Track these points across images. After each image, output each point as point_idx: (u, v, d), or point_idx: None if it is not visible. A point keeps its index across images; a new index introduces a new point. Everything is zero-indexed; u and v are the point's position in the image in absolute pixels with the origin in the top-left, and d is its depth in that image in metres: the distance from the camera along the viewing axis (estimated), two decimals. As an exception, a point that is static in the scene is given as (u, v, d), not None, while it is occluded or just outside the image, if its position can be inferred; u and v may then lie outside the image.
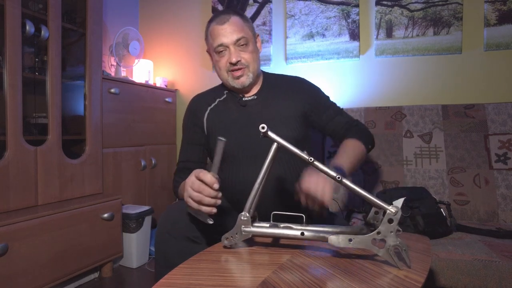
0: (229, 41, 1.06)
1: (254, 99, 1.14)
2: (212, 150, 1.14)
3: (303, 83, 1.21)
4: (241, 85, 1.11)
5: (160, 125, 2.28)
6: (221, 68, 1.11)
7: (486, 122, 1.51)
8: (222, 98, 1.18)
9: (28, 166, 1.42)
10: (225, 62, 1.09)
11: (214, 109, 1.16)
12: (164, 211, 0.99)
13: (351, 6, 1.99)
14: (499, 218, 1.37)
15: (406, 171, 1.54)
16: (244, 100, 1.14)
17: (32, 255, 1.31)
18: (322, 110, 1.17)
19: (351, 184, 0.68)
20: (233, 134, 1.08)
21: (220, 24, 1.07)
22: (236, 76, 1.09)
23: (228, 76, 1.11)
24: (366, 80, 1.98)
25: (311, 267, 0.66)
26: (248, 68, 1.10)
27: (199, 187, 0.80)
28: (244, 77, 1.10)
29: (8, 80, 1.35)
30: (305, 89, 1.19)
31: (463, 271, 0.99)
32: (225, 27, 1.07)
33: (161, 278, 0.61)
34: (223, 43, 1.07)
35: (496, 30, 1.72)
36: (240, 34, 1.07)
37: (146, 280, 1.71)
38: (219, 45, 1.08)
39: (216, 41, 1.08)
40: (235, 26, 1.07)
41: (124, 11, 2.42)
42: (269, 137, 0.74)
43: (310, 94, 1.18)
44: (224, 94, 1.18)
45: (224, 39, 1.06)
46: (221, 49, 1.08)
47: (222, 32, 1.07)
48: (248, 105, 1.14)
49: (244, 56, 1.08)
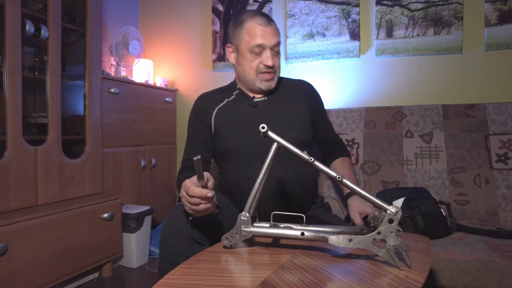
0: (269, 44, 1.09)
1: (264, 100, 1.17)
2: (218, 149, 1.15)
3: (311, 89, 1.27)
4: (268, 88, 1.15)
5: (160, 125, 2.28)
6: (252, 68, 1.12)
7: (487, 122, 1.51)
8: (231, 99, 1.20)
9: (28, 166, 1.42)
10: (258, 63, 1.11)
11: (222, 108, 1.17)
12: (169, 211, 0.99)
13: (351, 5, 1.99)
14: (500, 218, 1.37)
15: (407, 171, 1.54)
16: (255, 101, 1.16)
17: (32, 255, 1.31)
18: (320, 118, 1.25)
19: (351, 184, 0.68)
20: (243, 134, 1.09)
21: (263, 25, 1.09)
22: (266, 79, 1.12)
23: (256, 77, 1.13)
24: (367, 80, 1.98)
25: (311, 267, 0.66)
26: (275, 73, 1.15)
27: (194, 202, 0.79)
28: (272, 81, 1.15)
29: (8, 80, 1.35)
30: (312, 94, 1.25)
31: (463, 271, 0.99)
32: (268, 30, 1.09)
33: (161, 278, 0.61)
34: (263, 44, 1.09)
35: (497, 30, 1.72)
36: (278, 40, 1.12)
37: (146, 280, 1.70)
38: (258, 45, 1.09)
39: (256, 40, 1.09)
40: (275, 31, 1.11)
41: (124, 11, 2.42)
42: (269, 137, 0.74)
43: (315, 100, 1.25)
44: (233, 95, 1.20)
45: (266, 41, 1.09)
46: (258, 50, 1.10)
47: (264, 34, 1.08)
48: (258, 106, 1.16)
49: (276, 61, 1.13)
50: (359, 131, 1.67)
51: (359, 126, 1.68)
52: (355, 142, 1.65)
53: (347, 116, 1.73)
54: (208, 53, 2.37)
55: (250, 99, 1.16)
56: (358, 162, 1.62)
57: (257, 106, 1.15)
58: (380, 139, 1.61)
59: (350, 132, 1.69)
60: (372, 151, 1.61)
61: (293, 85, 1.24)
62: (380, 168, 1.57)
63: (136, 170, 2.04)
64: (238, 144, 1.10)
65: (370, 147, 1.62)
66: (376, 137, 1.62)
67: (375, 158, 1.59)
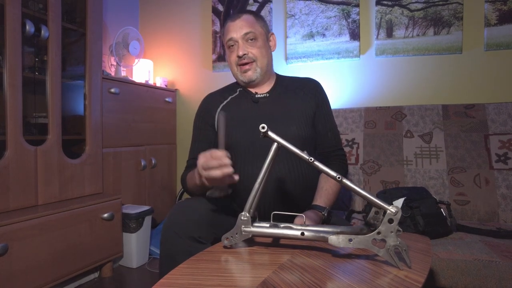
0: (237, 36, 1.11)
1: (266, 96, 1.17)
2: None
3: (317, 86, 1.23)
4: (248, 79, 1.15)
5: (160, 125, 2.28)
6: (231, 63, 1.16)
7: (487, 122, 1.51)
8: (235, 95, 1.20)
9: (28, 166, 1.42)
10: (235, 56, 1.14)
11: (226, 105, 1.18)
12: (170, 210, 0.99)
13: (351, 6, 1.99)
14: (500, 218, 1.37)
15: (406, 171, 1.54)
16: (257, 97, 1.17)
17: (32, 255, 1.31)
18: (321, 119, 1.19)
19: (351, 184, 0.68)
20: (243, 130, 1.09)
21: (232, 20, 1.13)
22: (243, 70, 1.14)
23: (237, 70, 1.16)
24: (366, 80, 1.98)
25: (311, 267, 0.66)
26: (256, 63, 1.14)
27: (210, 156, 0.81)
28: (251, 71, 1.14)
29: (8, 80, 1.35)
30: (317, 92, 1.21)
31: (463, 271, 0.99)
32: (236, 23, 1.12)
33: (161, 278, 0.61)
34: (233, 38, 1.12)
35: (497, 30, 1.72)
36: (249, 29, 1.11)
37: (146, 280, 1.70)
38: (229, 40, 1.13)
39: (226, 36, 1.14)
40: (245, 22, 1.12)
41: (124, 11, 2.42)
42: (269, 136, 0.74)
43: (319, 98, 1.20)
44: (237, 91, 1.21)
45: (233, 34, 1.12)
46: (231, 43, 1.14)
47: (232, 28, 1.12)
48: (260, 102, 1.16)
49: (251, 50, 1.13)
50: (359, 131, 1.67)
51: (359, 126, 1.68)
52: (355, 142, 1.66)
53: (347, 116, 1.73)
54: (208, 53, 2.37)
55: (252, 95, 1.17)
56: (358, 162, 1.62)
57: (259, 102, 1.15)
58: (380, 139, 1.61)
59: (350, 132, 1.69)
60: (372, 151, 1.61)
61: (299, 83, 1.23)
62: (380, 168, 1.57)
63: (136, 170, 2.04)
64: (239, 140, 1.10)
65: (370, 147, 1.62)
66: (376, 137, 1.63)
67: (375, 158, 1.59)
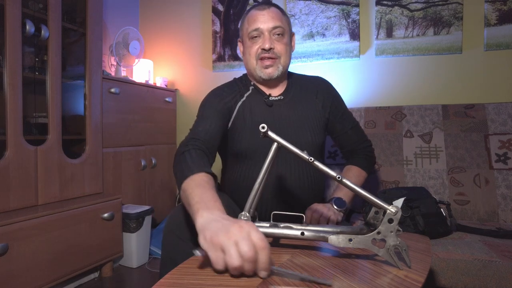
0: (265, 27, 1.05)
1: (280, 99, 1.11)
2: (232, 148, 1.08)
3: (329, 88, 1.19)
4: (268, 76, 1.07)
5: (160, 125, 2.28)
6: (251, 55, 1.08)
7: (486, 122, 1.51)
8: (248, 94, 1.13)
9: (28, 166, 1.42)
10: (257, 48, 1.07)
11: (245, 103, 1.11)
12: (170, 212, 0.97)
13: (351, 6, 1.99)
14: (499, 218, 1.37)
15: (406, 171, 1.54)
16: (271, 99, 1.11)
17: (32, 255, 1.31)
18: (339, 119, 1.16)
19: (351, 184, 0.68)
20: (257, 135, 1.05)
21: (260, 10, 1.06)
22: (265, 65, 1.06)
23: (256, 64, 1.08)
24: (366, 80, 1.98)
25: (311, 267, 0.66)
26: (279, 60, 1.07)
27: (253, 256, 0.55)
28: (273, 68, 1.06)
29: (8, 80, 1.35)
30: (330, 93, 1.17)
31: (463, 271, 0.99)
32: (264, 13, 1.06)
33: (161, 278, 0.61)
34: (259, 28, 1.05)
35: (496, 30, 1.72)
36: (279, 23, 1.05)
37: (146, 280, 1.70)
38: (255, 30, 1.06)
39: (252, 25, 1.06)
40: (275, 14, 1.06)
41: (124, 11, 2.42)
42: (269, 136, 0.74)
43: (333, 99, 1.17)
44: (250, 89, 1.14)
45: (261, 24, 1.05)
46: (255, 34, 1.06)
47: (260, 18, 1.05)
48: (274, 105, 1.10)
49: (278, 46, 1.06)
50: (359, 131, 1.67)
51: (359, 126, 1.68)
52: (355, 142, 1.65)
53: (347, 116, 1.73)
54: (208, 53, 2.37)
55: (266, 97, 1.10)
56: (358, 162, 1.62)
57: (273, 106, 1.10)
58: (380, 139, 1.61)
59: (350, 132, 1.69)
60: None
61: (310, 82, 1.17)
62: (380, 168, 1.58)
63: (136, 170, 2.04)
64: (253, 147, 1.05)
65: (370, 147, 1.62)
66: (376, 137, 1.62)
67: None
